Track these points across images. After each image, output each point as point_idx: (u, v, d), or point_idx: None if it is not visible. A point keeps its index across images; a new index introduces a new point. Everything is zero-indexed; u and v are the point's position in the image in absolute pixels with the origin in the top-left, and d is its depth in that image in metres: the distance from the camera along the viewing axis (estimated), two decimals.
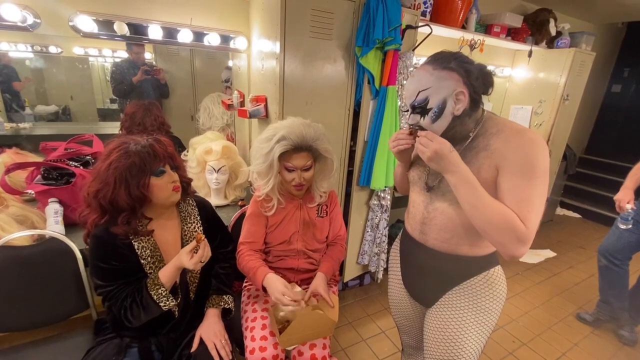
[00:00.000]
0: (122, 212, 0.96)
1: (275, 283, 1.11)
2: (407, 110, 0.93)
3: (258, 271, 1.16)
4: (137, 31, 1.69)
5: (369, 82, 1.68)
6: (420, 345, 1.23)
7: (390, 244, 2.10)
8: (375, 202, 1.93)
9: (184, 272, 1.10)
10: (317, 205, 1.31)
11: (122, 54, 2.34)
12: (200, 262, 0.99)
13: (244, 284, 1.41)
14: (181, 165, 1.11)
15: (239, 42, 1.83)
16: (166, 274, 0.99)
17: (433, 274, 1.02)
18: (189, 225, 1.13)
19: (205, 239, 1.02)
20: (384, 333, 1.96)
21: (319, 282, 1.20)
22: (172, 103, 2.48)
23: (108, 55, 2.43)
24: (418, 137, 0.86)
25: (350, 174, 1.90)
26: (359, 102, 1.74)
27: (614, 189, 1.94)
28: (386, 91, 1.64)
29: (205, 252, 1.00)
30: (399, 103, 1.74)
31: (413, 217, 1.03)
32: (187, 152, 1.86)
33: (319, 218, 1.31)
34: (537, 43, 2.75)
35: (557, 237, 3.41)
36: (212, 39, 1.76)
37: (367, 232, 2.01)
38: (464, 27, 2.25)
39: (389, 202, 1.95)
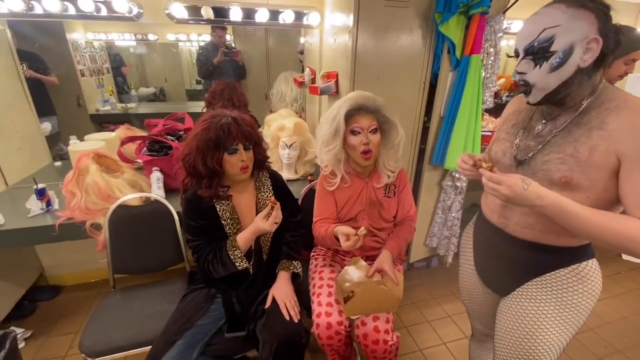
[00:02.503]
0: (203, 177, 1.10)
1: (341, 228, 1.13)
2: (517, 55, 0.80)
3: (329, 229, 1.21)
4: (220, 14, 1.81)
5: (448, 52, 1.54)
6: (491, 331, 1.17)
7: (463, 228, 1.97)
8: (448, 183, 1.82)
9: (258, 237, 1.21)
10: (385, 185, 1.29)
11: (206, 38, 2.55)
12: (275, 223, 1.10)
13: (312, 254, 1.48)
14: (259, 142, 1.19)
15: (312, 18, 1.84)
16: (243, 238, 1.12)
17: (511, 262, 0.93)
18: (263, 194, 1.23)
19: (278, 203, 1.11)
20: (450, 317, 1.89)
21: (384, 259, 1.21)
22: (249, 83, 2.65)
23: (194, 40, 2.68)
24: (483, 177, 0.77)
25: (422, 152, 1.81)
26: (436, 74, 1.62)
27: None
28: (469, 61, 1.49)
29: (278, 214, 1.11)
30: (483, 74, 1.57)
31: (492, 199, 0.94)
32: (263, 129, 1.98)
33: (386, 198, 1.29)
34: None
35: None
36: (287, 17, 1.80)
37: (438, 214, 1.92)
38: None
39: (464, 184, 1.82)
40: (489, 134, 2.26)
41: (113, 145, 1.71)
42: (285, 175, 1.82)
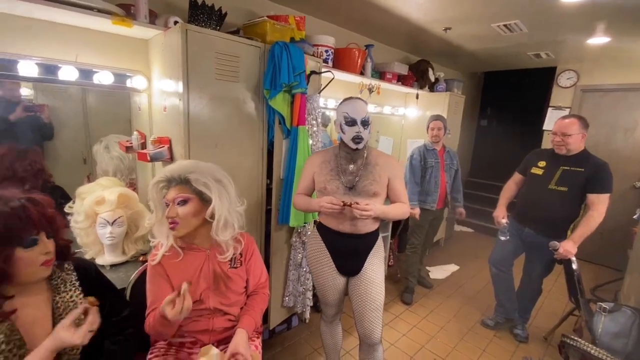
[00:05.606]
0: None
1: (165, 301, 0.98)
2: (355, 123, 1.40)
3: (157, 314, 1.02)
4: (5, 67, 1.43)
5: (279, 123, 1.72)
6: (339, 309, 1.64)
7: None
8: (296, 240, 1.91)
9: (59, 355, 0.88)
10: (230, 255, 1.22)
11: None
12: (90, 331, 0.84)
13: (149, 355, 1.19)
14: (61, 227, 0.93)
15: (137, 82, 1.69)
16: None
17: (361, 250, 1.49)
18: (63, 294, 0.93)
19: (98, 303, 0.88)
20: None
21: (239, 341, 1.10)
22: (58, 145, 2.11)
23: None
24: (353, 208, 1.31)
25: (268, 212, 1.86)
26: (272, 141, 1.75)
27: (495, 206, 2.30)
28: (297, 131, 1.69)
29: (94, 318, 0.86)
30: (310, 142, 1.81)
31: (343, 217, 1.43)
32: (73, 203, 1.58)
33: (232, 269, 1.21)
34: (421, 87, 3.25)
35: (456, 252, 3.85)
36: (104, 78, 1.58)
37: (291, 271, 1.95)
38: (362, 74, 2.52)
39: None
40: None
41: None
42: (109, 259, 1.48)
